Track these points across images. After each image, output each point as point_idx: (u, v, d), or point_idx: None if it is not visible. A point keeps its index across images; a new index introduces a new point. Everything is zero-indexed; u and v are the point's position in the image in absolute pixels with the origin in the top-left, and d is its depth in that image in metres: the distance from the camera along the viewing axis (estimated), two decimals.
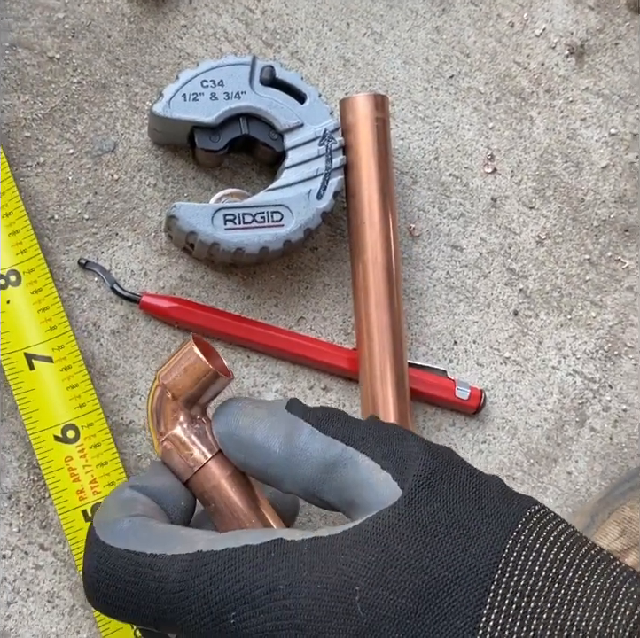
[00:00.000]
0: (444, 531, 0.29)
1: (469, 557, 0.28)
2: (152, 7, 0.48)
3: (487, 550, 0.28)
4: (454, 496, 0.30)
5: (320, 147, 0.45)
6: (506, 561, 0.28)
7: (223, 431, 0.35)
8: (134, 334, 0.46)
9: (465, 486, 0.31)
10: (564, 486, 0.49)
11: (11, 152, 0.46)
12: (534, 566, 0.28)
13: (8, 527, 0.45)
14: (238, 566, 0.30)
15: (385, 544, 0.29)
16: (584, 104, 0.51)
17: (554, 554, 0.29)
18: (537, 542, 0.29)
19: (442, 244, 0.50)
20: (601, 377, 0.50)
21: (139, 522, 0.32)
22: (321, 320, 0.48)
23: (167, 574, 0.30)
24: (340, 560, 0.29)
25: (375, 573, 0.28)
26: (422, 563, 0.28)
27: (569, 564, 0.29)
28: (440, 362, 0.49)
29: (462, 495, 0.30)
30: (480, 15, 0.51)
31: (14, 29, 0.46)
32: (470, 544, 0.29)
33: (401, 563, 0.28)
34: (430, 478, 0.30)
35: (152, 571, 0.31)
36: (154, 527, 0.32)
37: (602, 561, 0.29)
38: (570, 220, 0.51)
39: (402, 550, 0.29)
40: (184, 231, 0.44)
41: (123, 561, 0.31)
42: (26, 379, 0.43)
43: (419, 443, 0.32)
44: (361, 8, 0.50)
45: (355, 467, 0.32)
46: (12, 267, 0.44)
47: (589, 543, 0.30)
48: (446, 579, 0.28)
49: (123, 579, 0.31)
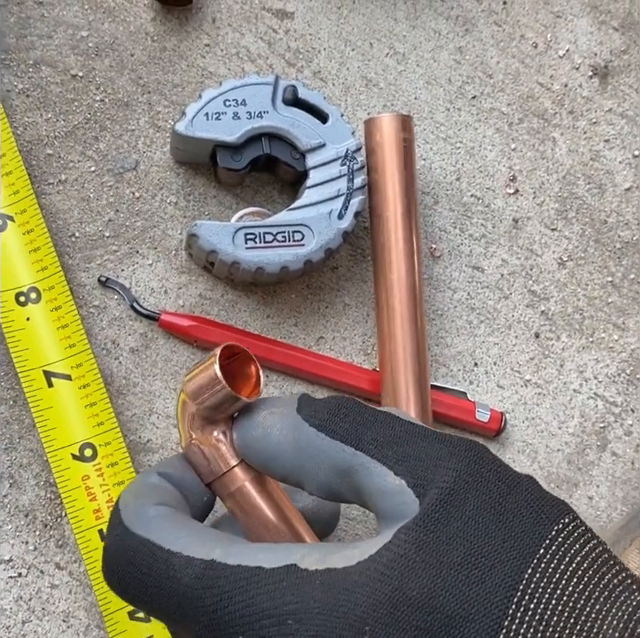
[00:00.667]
0: (460, 561, 0.28)
1: (483, 591, 0.27)
2: (175, 26, 0.48)
3: (504, 582, 0.27)
4: (478, 512, 0.29)
5: (342, 167, 0.45)
6: (522, 594, 0.27)
7: (240, 444, 0.34)
8: (153, 352, 0.46)
9: (493, 496, 0.29)
10: (585, 511, 0.49)
11: (33, 170, 0.46)
12: (550, 599, 0.27)
13: (24, 545, 0.44)
14: (248, 590, 0.29)
15: (398, 579, 0.28)
16: (608, 125, 0.51)
17: (573, 585, 0.28)
18: (558, 570, 0.28)
19: (463, 264, 0.49)
20: (623, 401, 0.49)
21: (164, 512, 0.32)
22: (340, 340, 0.48)
23: (181, 576, 0.30)
24: (352, 599, 0.28)
25: (386, 613, 0.27)
26: (434, 600, 0.27)
27: (588, 597, 0.27)
28: (460, 384, 0.48)
29: (487, 510, 0.29)
30: (504, 36, 0.50)
31: (38, 47, 0.46)
32: (486, 575, 0.27)
33: (413, 601, 0.27)
34: (455, 490, 0.29)
35: (167, 569, 0.30)
36: (177, 520, 0.32)
37: (624, 591, 0.28)
38: (592, 242, 0.50)
39: (415, 587, 0.27)
40: (205, 250, 0.44)
41: (142, 551, 0.31)
42: (44, 397, 0.43)
43: (445, 444, 0.30)
44: (383, 28, 0.49)
45: (368, 473, 0.31)
46: (33, 284, 0.44)
47: (615, 568, 0.28)
48: (458, 617, 0.27)
49: (140, 569, 0.31)
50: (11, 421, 0.45)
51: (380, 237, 0.46)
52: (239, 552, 0.31)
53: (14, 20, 0.46)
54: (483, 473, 0.30)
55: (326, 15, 0.49)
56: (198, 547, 0.31)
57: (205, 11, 0.48)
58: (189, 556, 0.30)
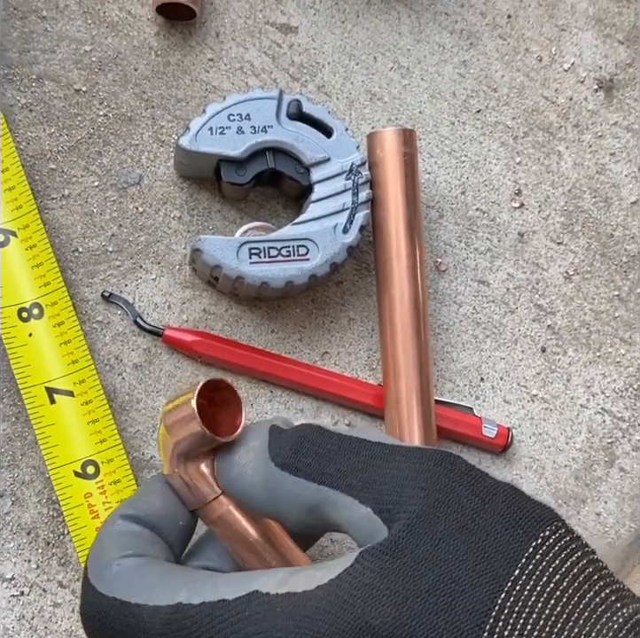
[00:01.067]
0: (428, 588, 0.26)
1: (453, 619, 0.26)
2: (179, 40, 0.48)
3: (475, 608, 0.26)
4: (449, 533, 0.27)
5: (347, 181, 0.44)
6: (495, 620, 0.25)
7: (221, 482, 0.34)
8: (156, 368, 0.46)
9: (466, 513, 0.27)
10: (592, 527, 0.48)
11: (35, 184, 0.46)
12: (526, 624, 0.25)
13: (27, 563, 0.44)
14: (213, 625, 0.29)
15: (360, 607, 0.26)
16: (613, 138, 0.50)
17: (551, 607, 0.26)
18: (534, 593, 0.26)
19: (469, 279, 0.49)
20: (631, 416, 0.49)
21: (128, 565, 0.32)
22: (345, 355, 0.47)
23: (151, 627, 0.30)
24: (314, 628, 0.27)
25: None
26: (399, 630, 0.26)
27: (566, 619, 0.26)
28: (466, 399, 0.48)
29: (459, 530, 0.27)
30: (508, 49, 0.50)
31: (41, 62, 0.46)
32: (456, 601, 0.26)
33: (377, 630, 0.26)
34: (424, 512, 0.27)
35: (137, 623, 0.30)
36: (142, 570, 0.32)
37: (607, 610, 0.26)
38: (599, 255, 0.50)
39: (379, 616, 0.26)
40: (209, 265, 0.44)
41: (112, 610, 0.31)
42: (46, 413, 0.43)
43: (412, 462, 0.29)
44: (388, 42, 0.49)
45: (334, 507, 0.30)
46: (35, 299, 0.43)
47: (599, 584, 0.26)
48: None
49: (114, 628, 0.31)
50: (13, 438, 0.44)
51: (383, 252, 0.45)
52: (203, 588, 0.30)
53: (17, 35, 0.46)
54: (455, 488, 0.28)
55: (330, 29, 0.49)
56: (162, 593, 0.31)
57: (208, 26, 0.48)
58: (155, 605, 0.30)
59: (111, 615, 0.31)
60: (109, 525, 0.34)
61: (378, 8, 0.49)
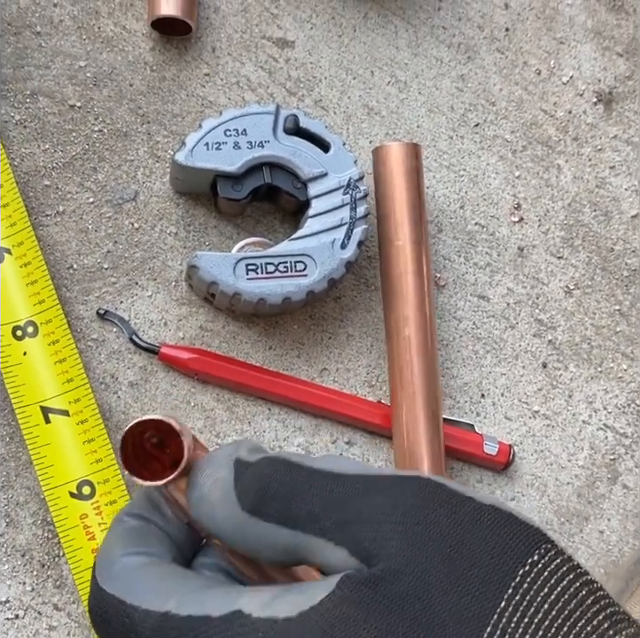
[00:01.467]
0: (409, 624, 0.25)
1: None
2: (174, 55, 0.47)
3: None
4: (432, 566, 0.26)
5: (344, 196, 0.44)
6: None
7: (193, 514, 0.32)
8: (152, 386, 0.45)
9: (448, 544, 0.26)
10: (596, 545, 0.47)
11: (30, 201, 0.45)
12: None
13: (22, 586, 0.43)
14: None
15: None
16: (613, 152, 0.50)
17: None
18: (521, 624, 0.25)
19: (468, 294, 0.48)
20: (633, 432, 0.48)
21: (131, 563, 0.32)
22: (344, 371, 0.47)
23: (142, 630, 0.30)
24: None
25: None
26: None
27: None
28: (467, 416, 0.47)
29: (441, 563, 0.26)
30: (506, 63, 0.50)
31: (35, 77, 0.46)
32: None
33: None
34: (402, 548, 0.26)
35: (131, 624, 0.31)
36: (142, 571, 0.32)
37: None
38: (599, 270, 0.49)
39: None
40: (205, 281, 0.43)
41: (111, 608, 0.31)
42: (41, 433, 0.42)
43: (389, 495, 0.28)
44: (385, 56, 0.49)
45: (310, 551, 0.29)
46: (30, 317, 0.43)
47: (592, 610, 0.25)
48: None
49: (113, 626, 0.32)
50: (7, 458, 0.44)
51: (389, 268, 0.45)
52: (192, 600, 0.30)
53: (11, 51, 0.46)
54: (435, 519, 0.27)
55: (327, 44, 0.49)
56: (155, 598, 0.30)
57: (204, 41, 0.48)
58: (147, 610, 0.30)
59: (109, 612, 0.31)
60: (117, 523, 0.34)
61: (375, 22, 0.49)
